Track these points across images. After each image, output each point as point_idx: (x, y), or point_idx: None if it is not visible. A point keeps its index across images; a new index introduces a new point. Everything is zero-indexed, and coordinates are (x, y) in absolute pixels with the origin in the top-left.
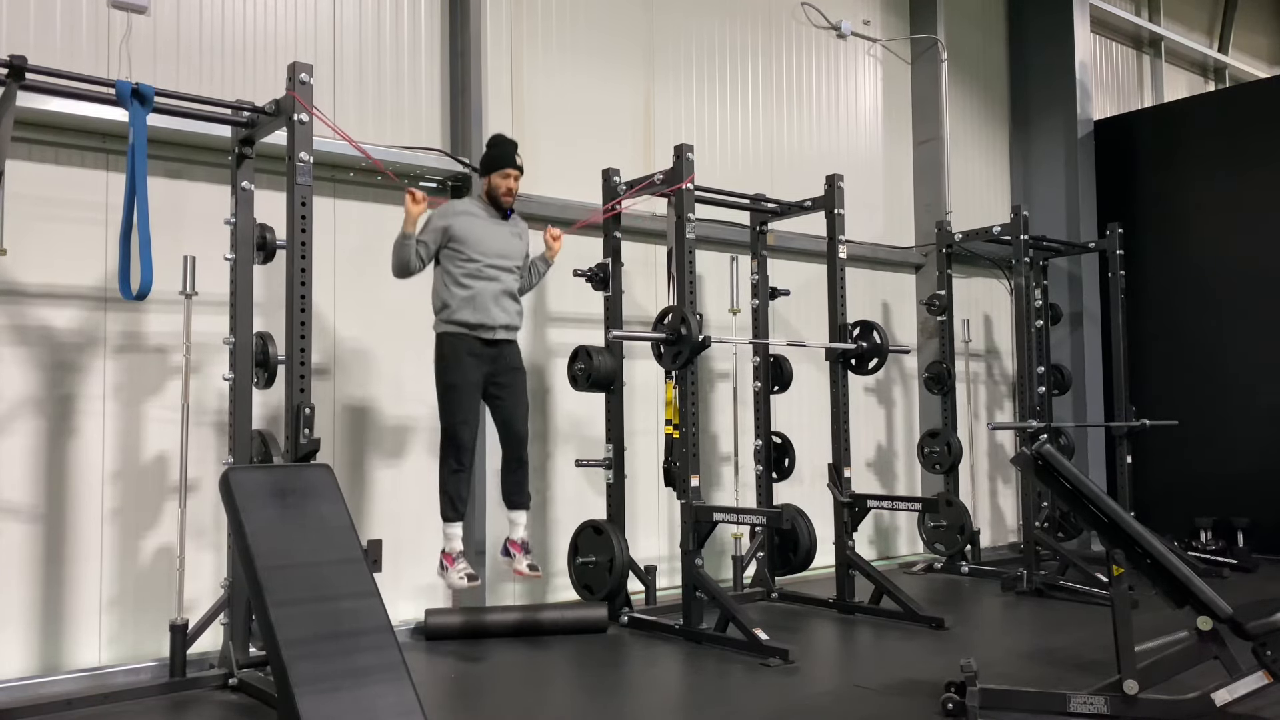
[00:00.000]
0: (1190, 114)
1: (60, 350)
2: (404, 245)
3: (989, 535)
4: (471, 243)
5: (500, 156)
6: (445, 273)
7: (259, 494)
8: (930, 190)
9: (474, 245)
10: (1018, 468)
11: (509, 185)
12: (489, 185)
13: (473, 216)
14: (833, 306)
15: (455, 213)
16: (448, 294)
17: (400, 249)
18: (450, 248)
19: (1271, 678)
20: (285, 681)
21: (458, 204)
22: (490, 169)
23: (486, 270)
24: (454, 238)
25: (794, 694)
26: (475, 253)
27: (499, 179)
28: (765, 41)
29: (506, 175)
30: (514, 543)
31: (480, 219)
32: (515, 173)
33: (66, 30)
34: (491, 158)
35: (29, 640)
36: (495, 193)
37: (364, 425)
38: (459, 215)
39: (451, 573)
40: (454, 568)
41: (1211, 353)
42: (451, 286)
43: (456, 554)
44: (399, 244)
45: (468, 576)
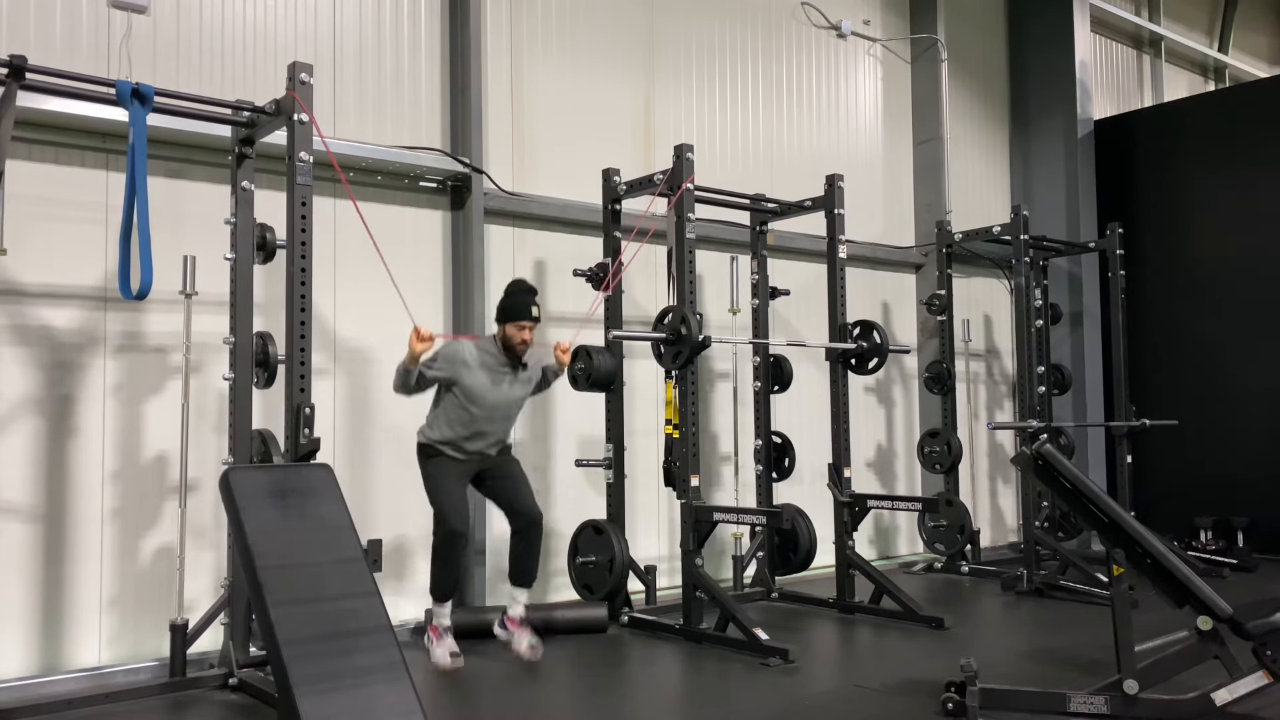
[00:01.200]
0: (1190, 114)
1: (60, 350)
2: (406, 374)
3: (989, 535)
4: (475, 398)
5: (516, 307)
6: (445, 404)
7: (259, 494)
8: (930, 190)
9: (477, 401)
10: (1018, 468)
11: (524, 337)
12: (503, 334)
13: (482, 370)
14: (833, 306)
15: (465, 364)
16: (441, 428)
17: (403, 376)
18: (453, 391)
19: (1271, 678)
20: (285, 681)
21: (469, 352)
22: (506, 319)
23: (486, 420)
24: (459, 385)
25: (794, 694)
26: (477, 408)
27: (514, 330)
28: (765, 41)
29: (522, 327)
30: (513, 620)
31: (489, 373)
32: (530, 324)
33: (66, 30)
34: (506, 308)
35: (29, 640)
36: (510, 343)
37: (364, 425)
38: (468, 368)
39: (437, 648)
40: (439, 643)
41: (1211, 353)
42: (446, 425)
43: (444, 629)
44: (402, 370)
45: (451, 655)
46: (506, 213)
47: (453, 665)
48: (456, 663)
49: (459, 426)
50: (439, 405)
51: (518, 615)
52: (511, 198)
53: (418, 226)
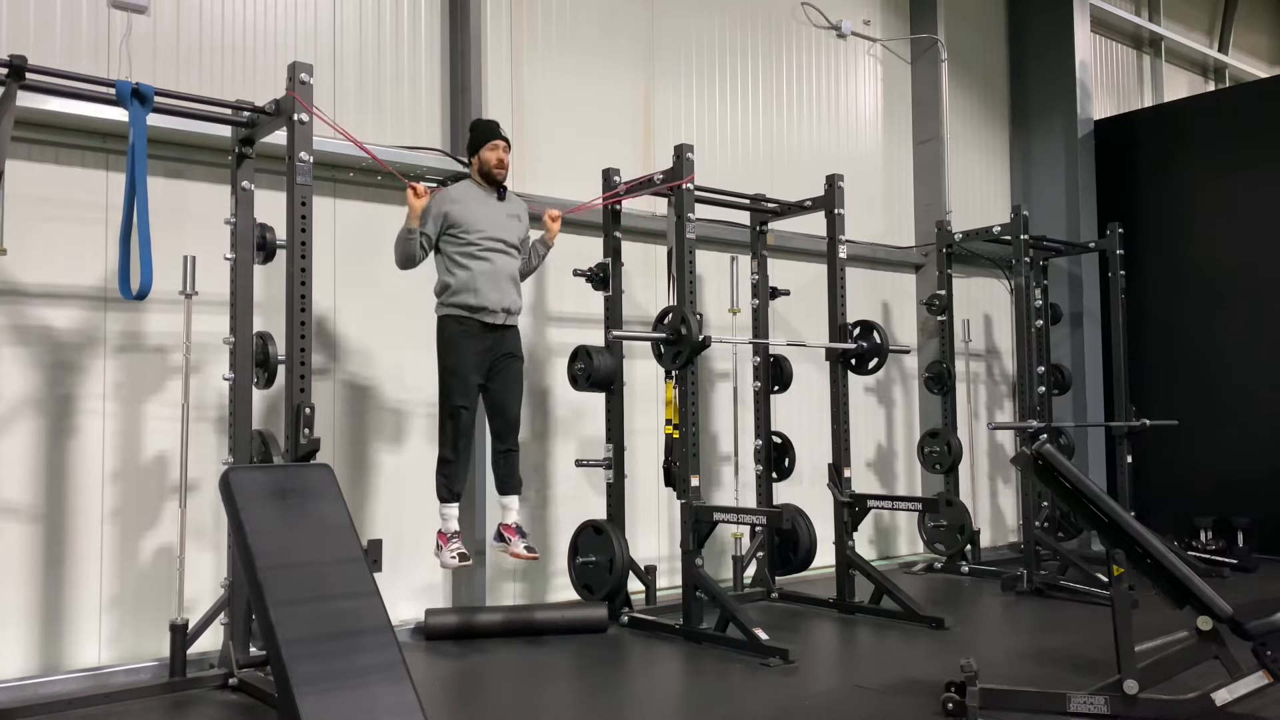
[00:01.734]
0: (1190, 114)
1: (60, 350)
2: (408, 239)
3: (989, 535)
4: (469, 225)
5: (484, 131)
6: (446, 257)
7: (259, 494)
8: (930, 190)
9: (471, 227)
10: (1018, 468)
11: (499, 156)
12: (479, 163)
13: (469, 199)
14: (833, 306)
15: (452, 198)
16: (449, 277)
17: (404, 243)
18: (449, 233)
19: (1271, 678)
20: (285, 681)
21: (454, 189)
22: (477, 146)
23: (485, 251)
24: (452, 222)
25: (794, 694)
26: (474, 235)
27: (488, 153)
28: (765, 41)
29: (495, 147)
30: (508, 527)
31: (476, 201)
32: (503, 143)
33: (66, 30)
34: (476, 136)
35: (29, 640)
36: (486, 167)
37: (364, 425)
38: (455, 200)
39: (445, 552)
40: (448, 547)
41: (1211, 353)
42: (452, 269)
43: (451, 534)
44: (402, 238)
45: (459, 556)
46: None
47: (460, 565)
48: (464, 563)
49: (467, 261)
50: (441, 257)
51: (511, 521)
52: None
53: None
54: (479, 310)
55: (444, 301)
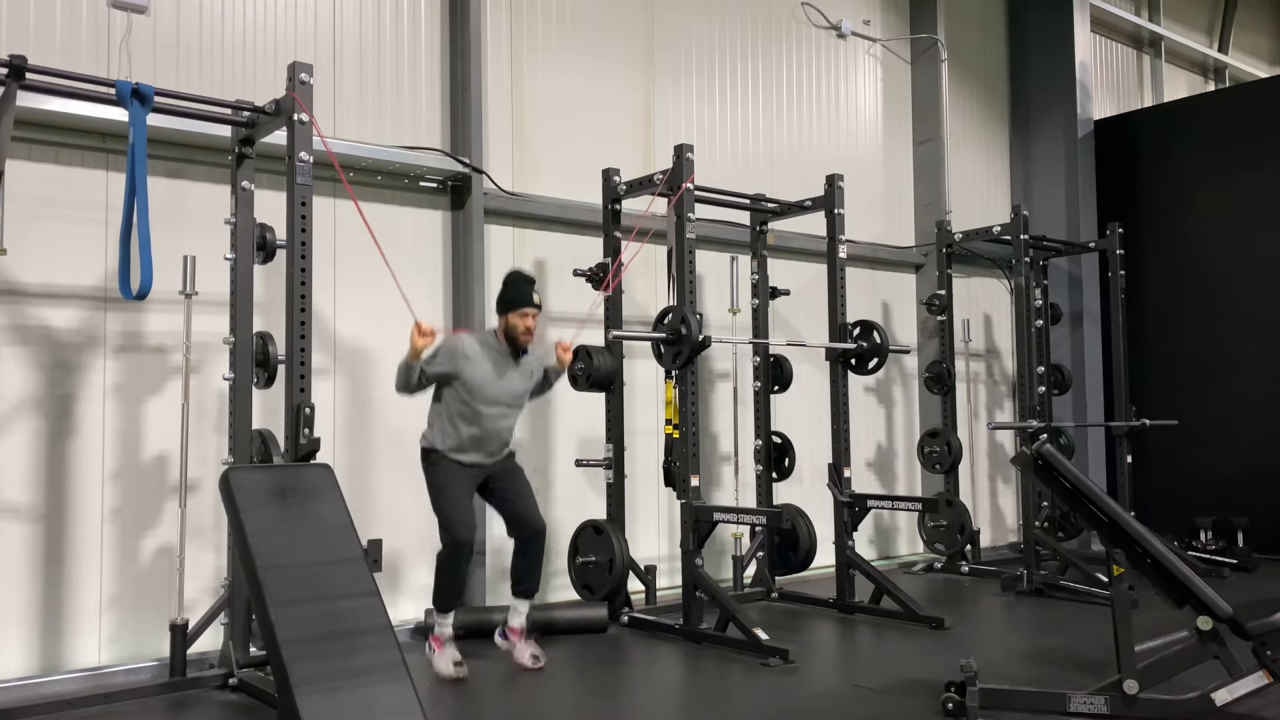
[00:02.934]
0: (1190, 114)
1: (60, 350)
2: (408, 370)
3: (989, 535)
4: (477, 391)
5: (517, 296)
6: (446, 404)
7: (259, 494)
8: (930, 190)
9: (479, 394)
10: (1018, 468)
11: (527, 325)
12: (506, 325)
13: (485, 365)
14: (833, 306)
15: (466, 354)
16: (443, 426)
17: (404, 373)
18: (454, 386)
19: (1271, 678)
20: (285, 681)
21: (470, 345)
22: (507, 309)
23: (488, 416)
24: (461, 381)
25: (794, 694)
26: (480, 402)
27: (516, 319)
28: (765, 41)
29: (524, 315)
30: (514, 630)
31: (492, 365)
32: (533, 311)
33: (66, 30)
34: (508, 298)
35: (29, 640)
36: (513, 333)
37: (364, 425)
38: (470, 360)
39: (439, 658)
40: (442, 653)
41: (1211, 353)
42: (449, 422)
43: (446, 639)
44: (403, 368)
45: (455, 664)
46: (506, 213)
47: (456, 674)
48: (460, 671)
49: (461, 423)
50: (440, 402)
51: (519, 626)
52: (511, 198)
53: (418, 226)
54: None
55: (432, 441)
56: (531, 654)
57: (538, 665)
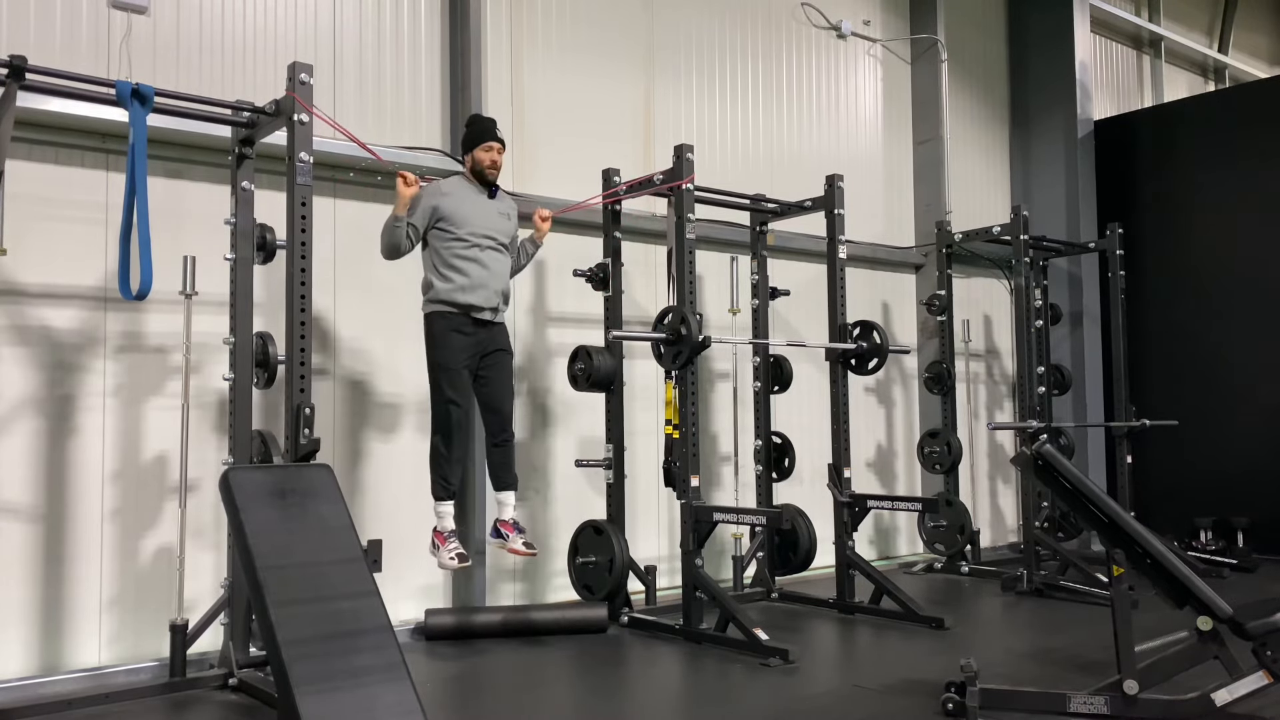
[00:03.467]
0: (1190, 114)
1: (60, 350)
2: (395, 228)
3: (989, 535)
4: (459, 220)
5: (480, 131)
6: (434, 252)
7: (259, 494)
8: (930, 190)
9: (461, 223)
10: (1018, 468)
11: (492, 158)
12: (472, 162)
13: (460, 195)
14: (833, 306)
15: (442, 192)
16: (436, 274)
17: (391, 231)
18: (438, 227)
19: (1271, 678)
20: (285, 681)
21: (445, 183)
22: (472, 145)
23: (474, 248)
24: (442, 216)
25: (794, 694)
26: (463, 231)
27: (481, 153)
28: (765, 41)
29: (489, 148)
30: (505, 523)
31: (467, 196)
32: (498, 145)
33: (66, 30)
34: (471, 135)
35: (29, 640)
36: (479, 167)
37: (364, 425)
38: (446, 194)
39: (443, 551)
40: (445, 547)
41: (1211, 353)
42: (440, 267)
43: (448, 533)
44: (389, 226)
45: (458, 556)
46: None
47: (459, 565)
48: (463, 564)
49: (454, 261)
50: (429, 248)
51: (508, 518)
52: (512, 197)
53: None
54: (467, 307)
55: (431, 298)
56: (524, 541)
57: (532, 551)
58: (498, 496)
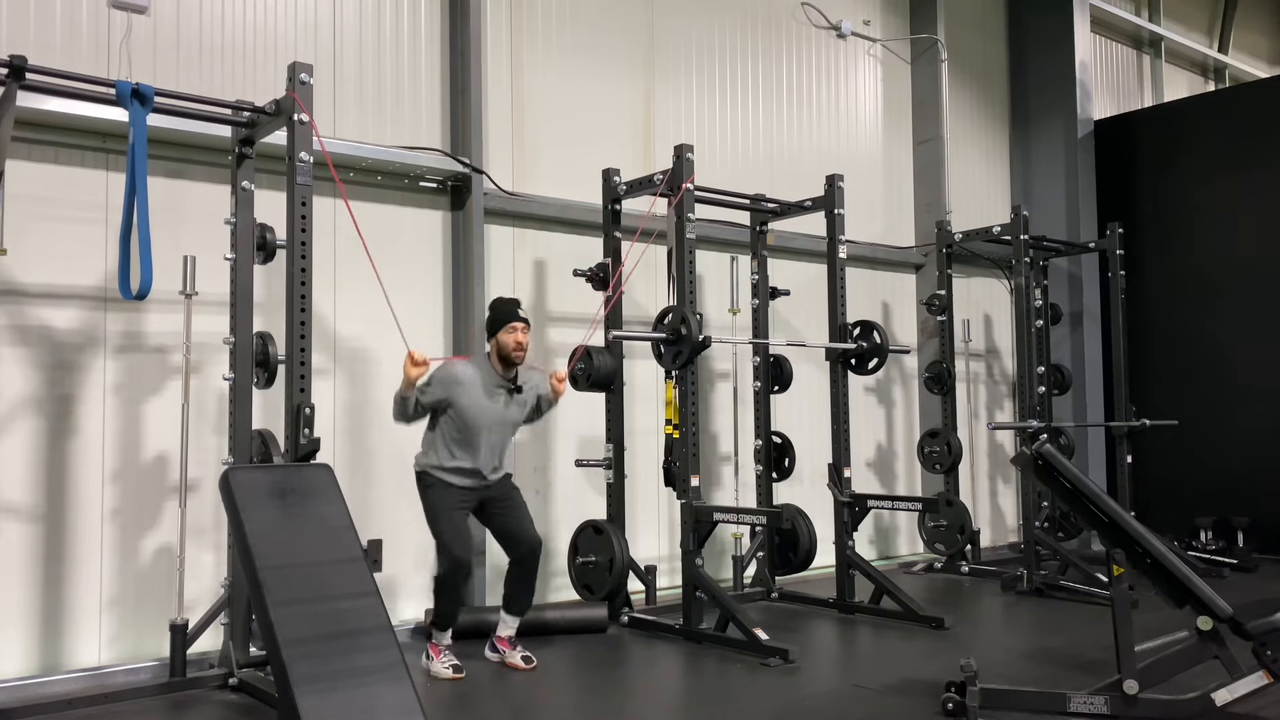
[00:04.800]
0: (1190, 114)
1: (60, 350)
2: (403, 402)
3: (989, 535)
4: (471, 418)
5: (503, 314)
6: (441, 430)
7: (259, 494)
8: (930, 190)
9: (474, 421)
10: (1018, 468)
11: (517, 339)
12: (497, 344)
13: (478, 389)
14: (833, 306)
15: (459, 383)
16: (438, 451)
17: (400, 405)
18: (449, 414)
19: (1271, 678)
20: (285, 681)
21: (464, 372)
22: (495, 328)
23: (484, 441)
24: (455, 409)
25: (794, 694)
26: (474, 429)
27: (505, 335)
28: (765, 41)
29: (513, 330)
30: (503, 640)
31: (485, 392)
32: (521, 325)
33: (66, 30)
34: (494, 318)
35: (29, 640)
36: (505, 351)
37: (364, 425)
38: (463, 387)
39: (436, 663)
40: (439, 659)
41: (1211, 352)
42: (443, 445)
43: (444, 648)
44: (399, 400)
45: (453, 669)
46: (506, 213)
47: (454, 676)
48: (458, 675)
49: (456, 449)
50: (435, 428)
51: (507, 635)
52: (511, 198)
53: (418, 227)
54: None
55: (427, 465)
56: (523, 656)
57: (530, 666)
58: (504, 615)
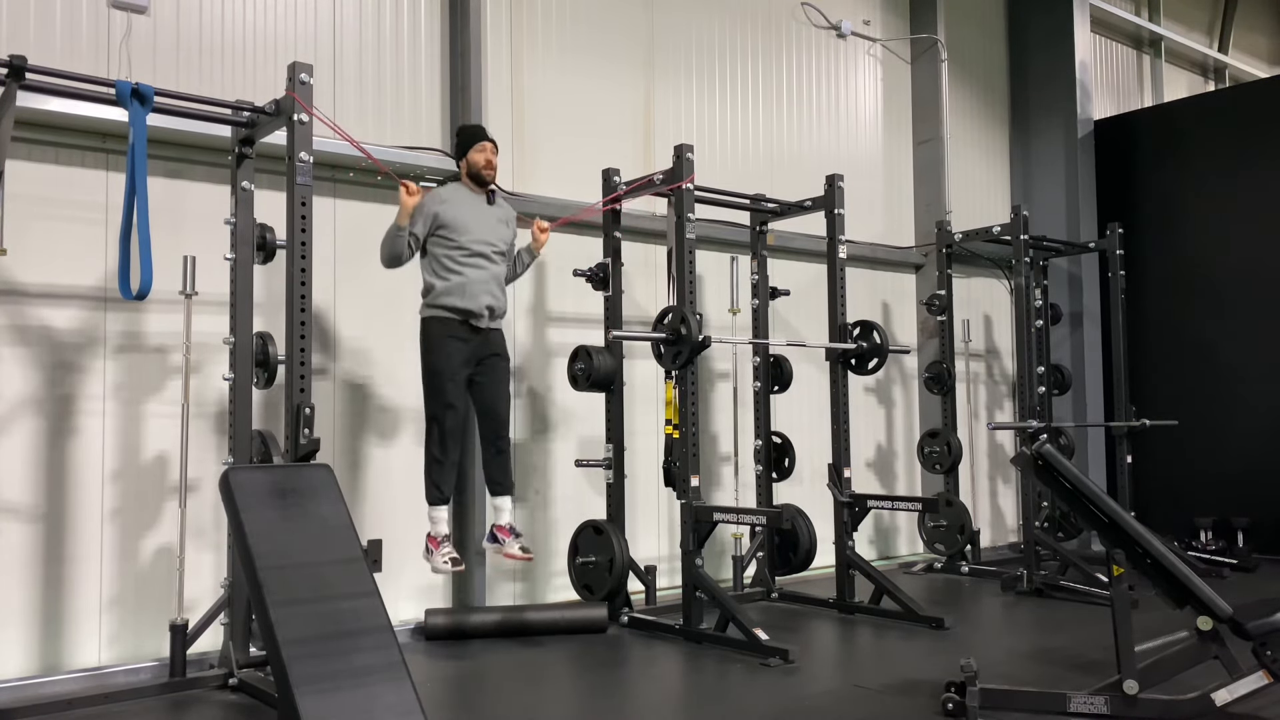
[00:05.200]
0: (1190, 114)
1: (60, 350)
2: (397, 237)
3: (989, 535)
4: (458, 228)
5: (471, 134)
6: (433, 258)
7: (259, 494)
8: (930, 190)
9: (461, 230)
10: (1018, 468)
11: (486, 157)
12: (468, 165)
13: (460, 202)
14: (833, 306)
15: (442, 199)
16: (435, 279)
17: (393, 241)
18: (438, 234)
19: (1271, 678)
20: (285, 681)
21: (444, 190)
22: (465, 149)
23: (473, 255)
24: (442, 224)
25: (794, 694)
26: (463, 238)
27: (476, 154)
28: (765, 41)
29: (482, 149)
30: (501, 528)
31: (466, 203)
32: (490, 145)
33: (66, 30)
34: (462, 140)
35: (29, 640)
36: (475, 168)
37: (364, 424)
38: (445, 201)
39: (436, 556)
40: (439, 551)
41: (1211, 353)
42: (440, 271)
43: (442, 538)
44: (391, 235)
45: (452, 561)
46: None
47: (454, 569)
48: (457, 568)
49: (451, 266)
50: (428, 255)
51: (505, 523)
52: (511, 197)
53: None
54: (465, 313)
55: (429, 303)
56: (520, 546)
57: (528, 556)
58: (494, 501)
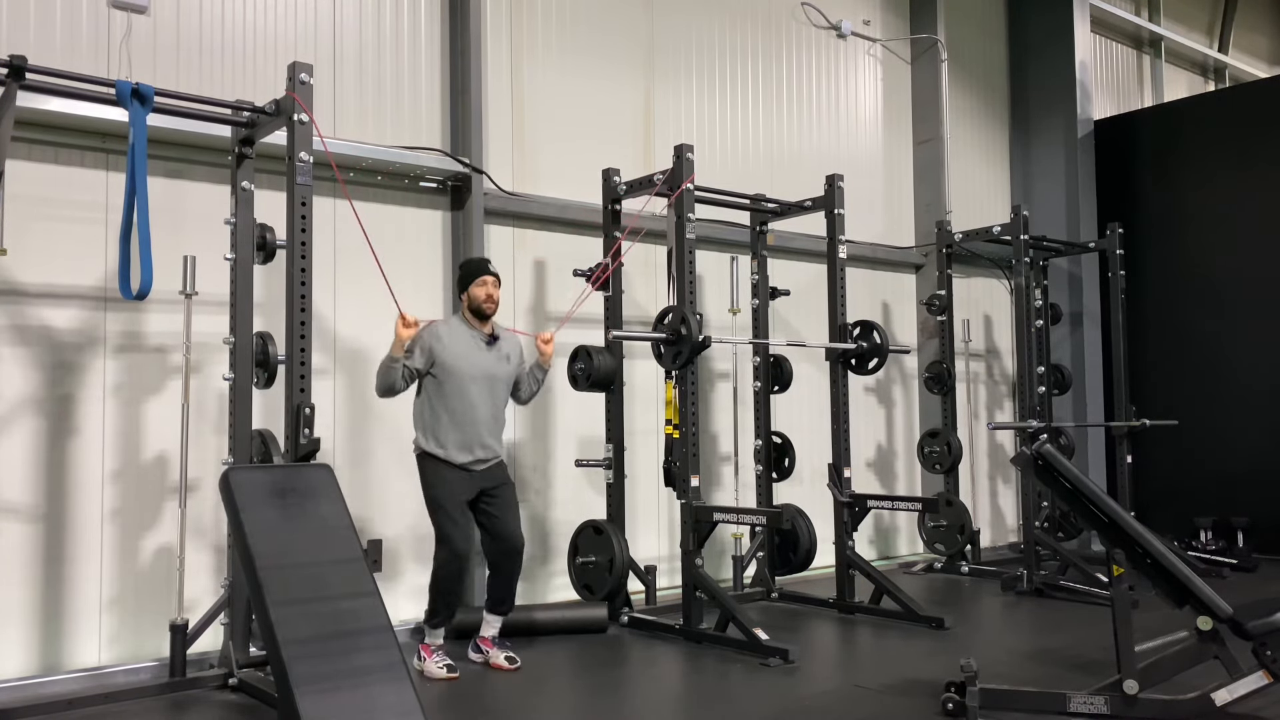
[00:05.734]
0: (1190, 114)
1: (60, 350)
2: (391, 368)
3: (989, 535)
4: (454, 369)
5: (473, 268)
6: (429, 395)
7: (259, 494)
8: (930, 190)
9: (456, 372)
10: (1018, 468)
11: (488, 291)
12: (469, 300)
13: (457, 343)
14: (833, 306)
15: (438, 337)
16: (432, 419)
17: (387, 372)
18: (433, 374)
19: (1271, 678)
20: (285, 681)
21: (443, 327)
22: (466, 283)
23: (468, 397)
24: (439, 362)
25: (794, 694)
26: (458, 380)
27: (477, 289)
28: (765, 41)
29: (483, 283)
30: (486, 640)
31: (465, 344)
32: (491, 279)
33: (66, 30)
34: (464, 274)
35: (29, 640)
36: (475, 303)
37: (364, 425)
38: (442, 341)
39: (430, 663)
40: (433, 659)
41: (1211, 352)
42: (437, 410)
43: (436, 648)
44: (386, 366)
45: (447, 668)
46: (506, 213)
47: (449, 676)
48: (452, 675)
49: (443, 409)
50: (422, 394)
51: (491, 635)
52: (511, 198)
53: (418, 227)
54: (460, 465)
55: (425, 444)
56: (506, 656)
57: (514, 666)
58: (487, 616)
